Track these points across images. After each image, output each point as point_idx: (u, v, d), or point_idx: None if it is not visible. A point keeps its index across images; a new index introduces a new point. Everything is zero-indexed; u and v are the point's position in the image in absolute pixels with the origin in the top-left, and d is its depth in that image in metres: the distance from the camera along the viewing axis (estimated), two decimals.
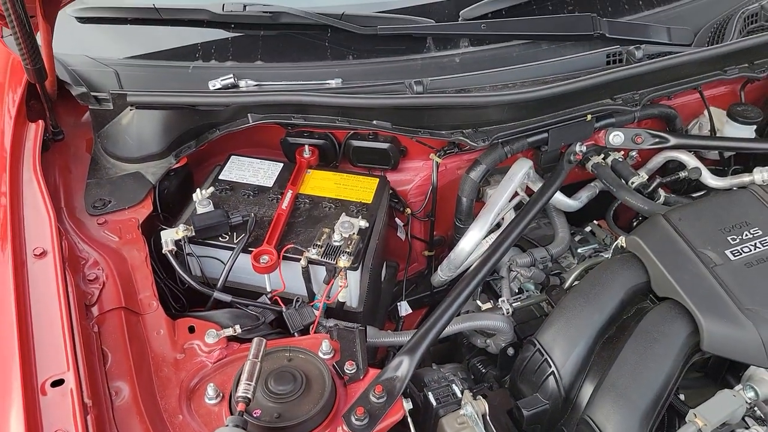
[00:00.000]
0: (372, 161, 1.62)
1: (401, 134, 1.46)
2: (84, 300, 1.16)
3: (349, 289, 1.35)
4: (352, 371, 1.14)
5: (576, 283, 1.46)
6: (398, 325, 1.58)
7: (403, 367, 1.13)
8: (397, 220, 1.68)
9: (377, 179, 1.54)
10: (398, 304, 1.60)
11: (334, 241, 1.32)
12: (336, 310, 1.37)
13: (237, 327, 1.20)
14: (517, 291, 1.52)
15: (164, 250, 1.31)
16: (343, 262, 1.28)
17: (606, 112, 1.57)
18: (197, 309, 1.34)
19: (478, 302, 1.52)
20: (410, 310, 1.59)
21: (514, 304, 1.43)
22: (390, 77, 1.52)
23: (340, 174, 1.55)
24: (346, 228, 1.34)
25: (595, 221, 1.79)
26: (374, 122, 1.44)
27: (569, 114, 1.54)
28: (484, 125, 1.50)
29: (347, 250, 1.30)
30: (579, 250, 1.66)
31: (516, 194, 1.60)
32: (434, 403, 1.18)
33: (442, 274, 1.52)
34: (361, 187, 1.51)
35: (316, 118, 1.45)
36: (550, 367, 1.20)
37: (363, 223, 1.37)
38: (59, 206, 1.34)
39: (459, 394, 1.19)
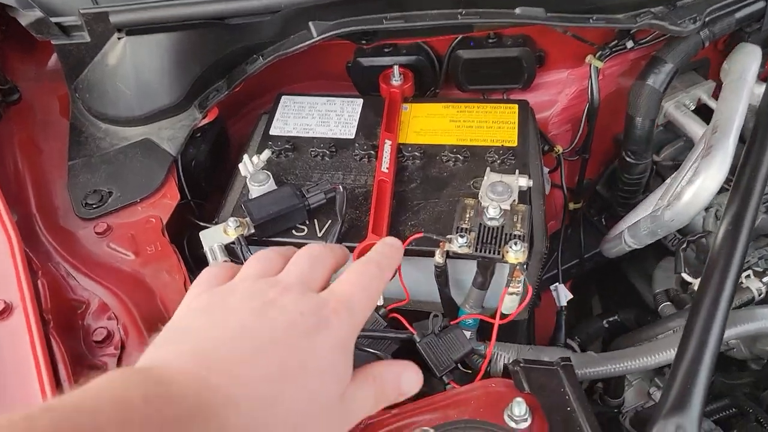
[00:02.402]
0: (492, 79, 1.07)
1: (561, 25, 0.90)
2: None
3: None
4: None
5: None
6: (559, 321, 1.07)
7: None
8: None
9: (516, 105, 0.99)
10: (554, 288, 1.08)
11: (489, 218, 0.79)
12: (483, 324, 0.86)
13: None
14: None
15: (211, 264, 0.80)
16: (516, 253, 0.75)
17: None
18: None
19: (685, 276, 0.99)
20: (570, 296, 1.08)
21: None
22: None
23: (455, 105, 1.00)
24: (500, 193, 0.81)
25: None
26: (516, 11, 0.87)
27: None
28: None
29: (517, 232, 0.77)
30: None
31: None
32: None
33: (634, 238, 0.98)
34: (493, 122, 0.97)
35: (421, 17, 0.88)
36: None
37: (524, 182, 0.84)
38: (28, 212, 0.81)
39: None
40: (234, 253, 0.82)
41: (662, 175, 1.16)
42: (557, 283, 1.09)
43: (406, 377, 0.55)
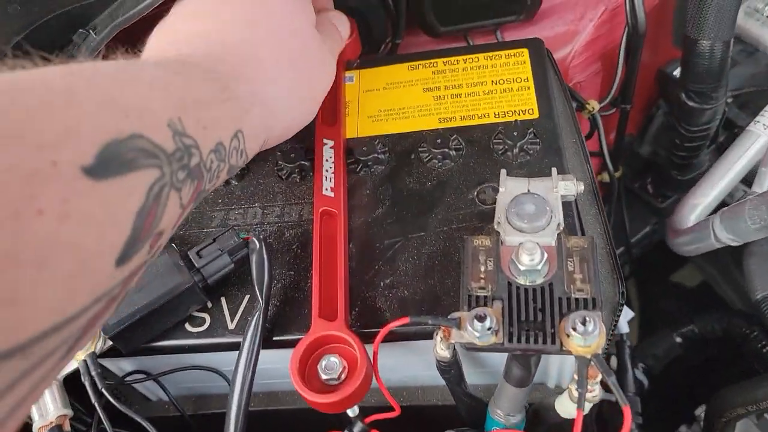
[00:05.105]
0: (476, 12, 0.70)
1: None
2: None
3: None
4: None
5: None
6: (623, 359, 0.72)
7: None
8: None
9: (525, 49, 0.62)
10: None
11: (523, 269, 0.44)
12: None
13: None
14: None
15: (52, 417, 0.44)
16: (587, 339, 0.40)
17: None
18: None
19: None
20: (632, 314, 0.74)
21: None
22: None
23: (428, 61, 0.63)
24: (533, 217, 0.45)
25: None
26: None
27: None
28: None
29: (577, 295, 0.42)
30: None
31: None
32: None
33: (734, 232, 0.62)
34: (493, 82, 0.60)
35: None
36: None
37: (572, 188, 0.48)
38: None
39: None
40: (82, 387, 0.47)
41: (733, 122, 0.81)
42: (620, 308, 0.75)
43: (341, 23, 0.58)
